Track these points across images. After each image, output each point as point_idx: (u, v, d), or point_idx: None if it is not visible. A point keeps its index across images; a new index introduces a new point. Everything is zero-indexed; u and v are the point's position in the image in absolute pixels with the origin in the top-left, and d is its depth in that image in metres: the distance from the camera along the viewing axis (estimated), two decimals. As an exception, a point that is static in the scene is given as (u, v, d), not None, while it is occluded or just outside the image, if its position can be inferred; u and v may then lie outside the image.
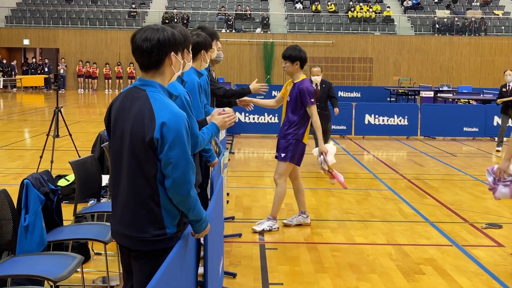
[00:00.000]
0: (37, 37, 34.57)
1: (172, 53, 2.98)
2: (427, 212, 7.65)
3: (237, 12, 35.93)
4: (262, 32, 34.76)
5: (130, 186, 2.91)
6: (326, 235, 6.55)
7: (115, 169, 3.00)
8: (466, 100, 19.54)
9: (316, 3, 36.51)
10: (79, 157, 6.58)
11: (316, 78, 10.33)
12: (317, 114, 6.45)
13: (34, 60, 35.47)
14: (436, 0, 38.20)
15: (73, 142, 9.30)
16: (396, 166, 11.26)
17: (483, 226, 6.99)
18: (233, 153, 12.49)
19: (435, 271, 5.46)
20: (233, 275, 5.26)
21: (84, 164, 5.19)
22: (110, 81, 33.84)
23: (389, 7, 36.58)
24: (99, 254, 5.66)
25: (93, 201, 6.22)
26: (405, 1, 37.51)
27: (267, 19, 35.19)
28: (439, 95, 21.96)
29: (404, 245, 6.23)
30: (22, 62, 36.28)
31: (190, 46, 3.25)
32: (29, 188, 4.26)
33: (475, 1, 38.40)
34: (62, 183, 7.72)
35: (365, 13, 35.42)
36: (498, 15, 36.74)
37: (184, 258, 2.98)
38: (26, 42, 34.48)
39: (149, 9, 36.84)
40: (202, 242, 3.46)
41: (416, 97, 24.55)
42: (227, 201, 7.74)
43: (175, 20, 33.92)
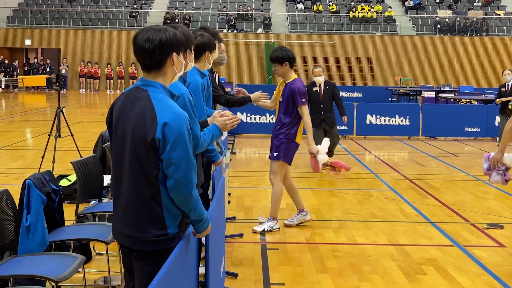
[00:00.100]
0: (39, 37, 34.61)
1: (174, 53, 2.98)
2: (428, 212, 7.64)
3: (239, 12, 35.94)
4: (263, 32, 34.77)
5: (132, 187, 2.91)
6: (327, 235, 6.55)
7: (116, 169, 3.00)
8: (468, 100, 19.53)
9: (318, 3, 36.50)
10: (81, 157, 6.59)
11: (319, 79, 10.16)
12: (308, 114, 6.47)
13: (36, 60, 35.48)
14: (437, 0, 38.18)
15: (75, 142, 9.32)
16: (398, 166, 11.25)
17: (484, 226, 6.99)
18: (235, 153, 12.48)
19: (436, 271, 5.46)
20: (235, 275, 5.26)
21: (86, 164, 5.19)
22: (111, 81, 33.84)
23: (390, 7, 36.57)
24: (101, 254, 5.66)
25: (94, 201, 6.21)
26: (406, 1, 37.49)
27: (268, 19, 35.20)
28: (440, 95, 21.95)
29: (405, 245, 6.23)
30: (24, 62, 36.29)
31: (192, 46, 3.25)
32: (31, 188, 4.26)
33: (476, 1, 38.37)
34: (63, 183, 7.72)
35: (367, 13, 35.42)
36: (499, 15, 36.72)
37: (185, 258, 2.98)
38: (28, 42, 34.53)
39: (150, 9, 36.87)
40: (203, 242, 3.46)
41: (417, 97, 24.54)
42: (229, 201, 7.73)
43: (176, 20, 33.91)
